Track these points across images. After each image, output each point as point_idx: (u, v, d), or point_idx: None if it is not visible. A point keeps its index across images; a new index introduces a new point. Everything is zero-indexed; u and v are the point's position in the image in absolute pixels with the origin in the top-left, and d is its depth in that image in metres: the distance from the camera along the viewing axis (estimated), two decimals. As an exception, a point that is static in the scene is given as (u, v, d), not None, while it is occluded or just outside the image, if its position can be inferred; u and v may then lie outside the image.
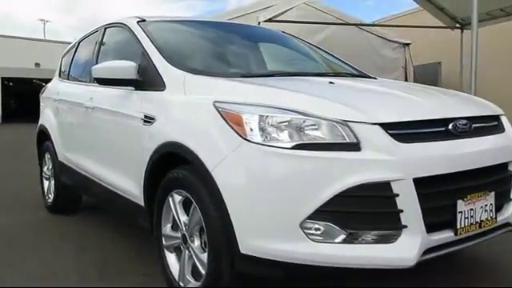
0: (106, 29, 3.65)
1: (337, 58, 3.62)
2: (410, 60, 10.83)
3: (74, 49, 4.42)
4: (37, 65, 30.94)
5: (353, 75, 3.20)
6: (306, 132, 1.93)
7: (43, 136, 4.60)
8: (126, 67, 2.76)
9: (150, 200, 2.60)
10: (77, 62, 4.27)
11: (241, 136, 1.98)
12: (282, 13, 7.95)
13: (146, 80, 2.74)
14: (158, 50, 2.78)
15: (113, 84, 2.86)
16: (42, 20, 42.70)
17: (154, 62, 2.72)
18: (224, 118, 2.07)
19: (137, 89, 2.80)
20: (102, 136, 3.23)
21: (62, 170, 4.14)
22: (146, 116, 2.62)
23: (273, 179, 1.90)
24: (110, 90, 3.08)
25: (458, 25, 9.80)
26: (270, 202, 1.91)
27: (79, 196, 4.42)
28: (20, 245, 3.55)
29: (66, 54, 4.76)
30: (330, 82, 2.48)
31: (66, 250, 3.37)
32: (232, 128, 2.02)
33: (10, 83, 31.72)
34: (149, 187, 2.59)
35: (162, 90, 2.59)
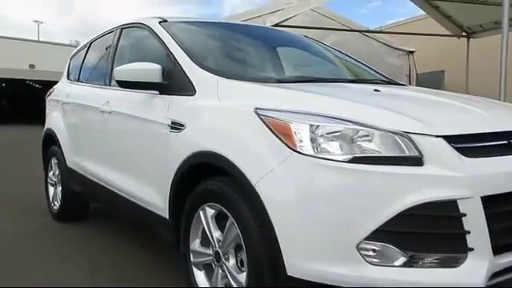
0: (122, 29, 3.47)
1: (363, 63, 3.47)
2: (414, 68, 10.76)
3: (84, 50, 4.24)
4: (31, 66, 30.64)
5: (386, 82, 3.05)
6: (362, 144, 1.77)
7: (50, 140, 4.41)
8: (152, 70, 2.59)
9: (177, 213, 2.43)
10: (89, 64, 4.08)
11: (289, 147, 1.82)
12: (289, 18, 7.82)
13: (173, 84, 2.57)
14: (185, 52, 2.61)
15: (136, 87, 2.68)
16: (36, 21, 42.42)
17: (182, 65, 2.55)
18: (268, 127, 1.90)
19: (161, 93, 2.63)
20: (120, 142, 3.04)
21: (70, 177, 3.95)
22: (173, 122, 2.44)
23: (327, 195, 1.73)
24: (130, 94, 2.90)
25: (464, 33, 9.73)
26: (323, 220, 1.74)
27: (87, 203, 4.24)
28: (27, 254, 3.36)
29: (74, 55, 4.58)
30: (375, 90, 2.32)
31: (77, 261, 3.18)
32: (279, 138, 1.85)
33: (3, 84, 31.35)
34: (176, 199, 2.41)
35: (192, 95, 2.42)
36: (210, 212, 2.19)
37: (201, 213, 2.24)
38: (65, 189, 4.09)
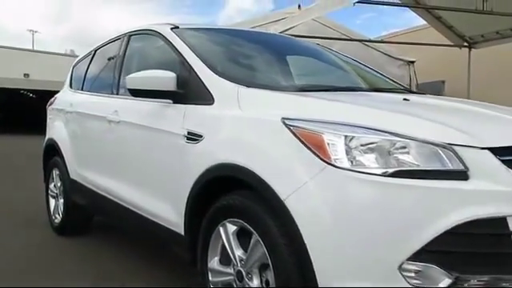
0: (130, 36, 3.35)
1: (378, 72, 3.37)
2: (415, 77, 10.73)
3: (88, 58, 4.11)
4: (26, 75, 30.47)
5: (408, 91, 2.94)
6: (400, 156, 1.65)
7: (51, 150, 4.26)
8: (166, 78, 2.47)
9: (193, 228, 2.29)
10: (93, 73, 3.96)
11: (323, 160, 1.69)
12: (292, 27, 7.76)
13: (188, 93, 2.45)
14: (201, 60, 2.50)
15: (148, 96, 2.56)
16: (30, 30, 42.23)
17: (198, 74, 2.44)
18: (298, 138, 1.78)
19: (175, 102, 2.51)
20: (130, 154, 2.91)
21: (73, 189, 3.80)
22: (189, 133, 2.32)
23: (365, 212, 1.61)
24: (141, 103, 2.78)
25: (465, 43, 9.71)
26: (361, 238, 1.61)
27: (90, 216, 4.09)
28: (32, 270, 3.22)
29: (77, 63, 4.45)
30: (405, 99, 2.21)
31: (82, 277, 3.04)
32: (310, 150, 1.73)
33: (-3, 93, 31.12)
34: (192, 214, 2.28)
35: (210, 104, 2.30)
36: (232, 228, 2.06)
37: (221, 229, 2.11)
38: (67, 201, 3.94)
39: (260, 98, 2.18)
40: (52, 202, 4.33)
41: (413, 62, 10.69)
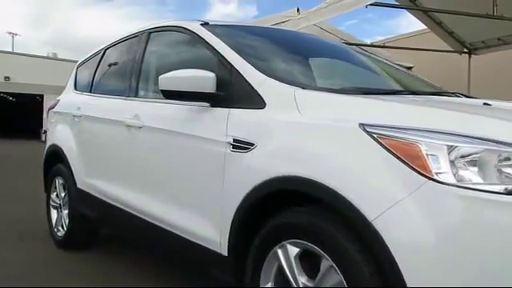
0: (150, 34, 3.06)
1: (416, 75, 3.14)
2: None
3: (97, 58, 3.80)
4: (6, 78, 29.74)
5: (461, 94, 2.72)
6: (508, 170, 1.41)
7: (54, 157, 3.93)
8: (206, 78, 2.19)
9: (239, 249, 2.02)
10: (105, 73, 3.65)
11: (421, 174, 1.44)
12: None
13: (229, 95, 2.18)
14: (244, 59, 2.23)
15: (184, 98, 2.28)
16: (10, 33, 41.24)
17: (243, 74, 2.16)
18: (386, 148, 1.53)
19: (213, 105, 2.24)
20: (156, 163, 2.61)
21: (81, 199, 3.48)
22: (236, 140, 2.05)
23: (486, 239, 1.36)
24: (170, 107, 2.50)
25: (465, 50, 9.60)
26: (477, 269, 1.36)
27: (97, 230, 3.77)
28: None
29: (82, 64, 4.14)
30: (485, 103, 1.97)
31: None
32: (404, 162, 1.48)
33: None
34: (239, 232, 2.01)
35: (260, 108, 2.03)
36: (294, 251, 1.78)
37: (279, 251, 1.83)
38: (73, 213, 3.62)
39: (322, 102, 1.91)
40: (54, 213, 4.00)
41: (410, 68, 10.58)
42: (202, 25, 2.63)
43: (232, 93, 2.19)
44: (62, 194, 3.84)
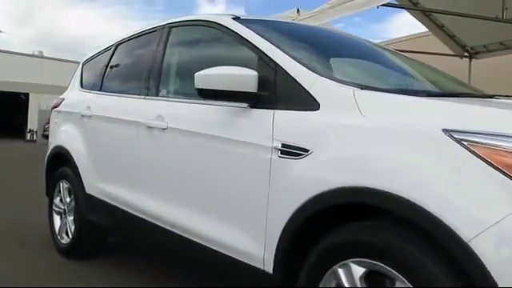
0: (171, 28, 2.84)
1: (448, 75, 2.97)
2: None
3: (107, 54, 3.56)
4: (-11, 76, 29.17)
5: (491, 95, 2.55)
6: None
7: (59, 160, 3.68)
8: (248, 76, 1.99)
9: (288, 266, 1.82)
10: (118, 70, 3.42)
11: (528, 187, 1.26)
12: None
13: (273, 95, 1.99)
14: (290, 57, 2.03)
15: (222, 98, 2.08)
16: (-6, 30, 40.41)
17: (291, 73, 1.96)
18: (481, 157, 1.34)
19: (253, 106, 2.04)
20: (185, 168, 2.38)
21: (90, 206, 3.25)
22: (285, 145, 1.84)
23: None
24: (200, 107, 2.31)
25: (466, 54, 9.52)
26: None
27: (105, 238, 3.53)
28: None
29: (89, 60, 3.89)
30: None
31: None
32: (505, 174, 1.29)
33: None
34: (289, 248, 1.81)
35: (313, 110, 1.83)
36: (359, 271, 1.58)
37: (339, 270, 1.63)
38: (80, 220, 3.37)
39: (388, 103, 1.71)
40: (57, 219, 3.75)
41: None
42: (234, 19, 2.43)
43: (276, 93, 1.99)
44: (67, 199, 3.60)
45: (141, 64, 3.03)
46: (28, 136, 30.40)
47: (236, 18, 2.45)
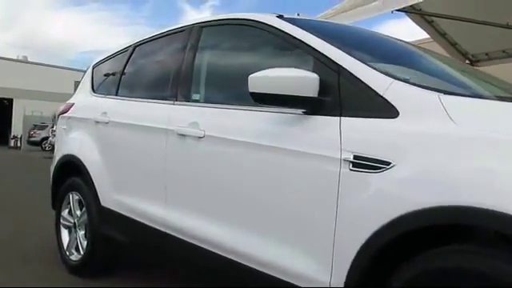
0: (202, 28, 2.61)
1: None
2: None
3: (123, 56, 3.31)
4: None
5: None
6: None
7: (68, 169, 3.42)
8: (308, 79, 1.79)
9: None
10: (138, 74, 3.18)
11: None
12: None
13: (337, 100, 1.78)
14: (357, 59, 1.83)
15: (276, 103, 1.87)
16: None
17: (359, 76, 1.75)
18: None
19: (310, 113, 1.83)
20: (229, 181, 2.14)
21: (105, 219, 3.00)
22: (359, 157, 1.63)
23: None
24: (245, 114, 2.09)
25: (467, 61, 9.46)
26: None
27: (119, 253, 3.27)
28: None
29: (102, 63, 3.64)
30: None
31: None
32: None
33: None
34: (365, 274, 1.59)
35: (392, 118, 1.62)
36: (459, 303, 1.38)
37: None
38: (93, 234, 3.11)
39: (485, 110, 1.52)
40: (65, 233, 3.48)
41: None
42: (279, 18, 2.22)
43: (341, 98, 1.78)
44: (78, 212, 3.33)
45: (166, 67, 2.80)
46: (12, 142, 29.78)
47: (280, 17, 2.24)
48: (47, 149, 25.55)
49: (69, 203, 3.44)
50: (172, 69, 2.69)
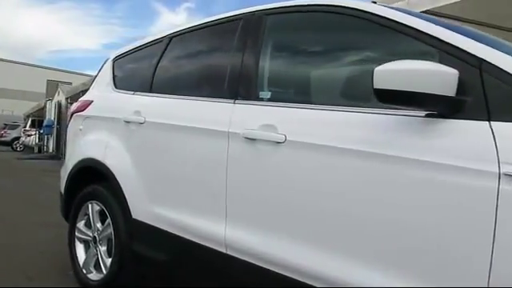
0: (266, 16, 2.23)
1: None
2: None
3: (157, 48, 2.89)
4: None
5: None
6: None
7: (87, 176, 3.00)
8: (448, 75, 1.46)
9: None
10: (180, 68, 2.79)
11: None
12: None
13: (484, 102, 1.46)
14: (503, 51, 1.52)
15: (404, 103, 1.53)
16: None
17: (514, 73, 1.44)
18: None
19: (444, 116, 1.50)
20: (323, 197, 1.78)
21: (139, 235, 2.59)
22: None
23: None
24: (348, 116, 1.74)
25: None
26: None
27: (147, 273, 2.86)
28: None
29: (126, 55, 3.22)
30: None
31: None
32: None
33: None
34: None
35: None
36: None
37: None
38: (123, 251, 2.69)
39: None
40: (80, 248, 3.05)
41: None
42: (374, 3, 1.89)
43: (487, 99, 1.46)
44: (99, 225, 2.91)
45: (217, 61, 2.44)
46: (-19, 144, 28.49)
47: (375, 3, 1.92)
48: (19, 149, 24.56)
49: (86, 214, 3.02)
50: (229, 63, 2.32)
